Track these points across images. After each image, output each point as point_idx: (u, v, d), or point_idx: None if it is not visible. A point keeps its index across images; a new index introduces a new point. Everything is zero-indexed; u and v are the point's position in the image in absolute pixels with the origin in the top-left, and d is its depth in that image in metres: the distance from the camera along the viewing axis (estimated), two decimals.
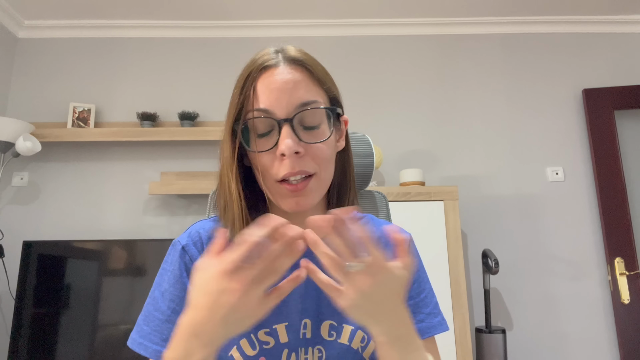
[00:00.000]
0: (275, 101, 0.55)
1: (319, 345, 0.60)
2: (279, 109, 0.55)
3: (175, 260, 0.61)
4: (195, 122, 2.24)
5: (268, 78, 0.57)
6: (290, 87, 0.56)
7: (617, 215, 2.11)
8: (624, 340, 2.00)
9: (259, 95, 0.57)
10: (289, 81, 0.56)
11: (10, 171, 2.20)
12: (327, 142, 0.58)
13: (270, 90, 0.56)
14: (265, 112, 0.56)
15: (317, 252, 0.46)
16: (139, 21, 2.37)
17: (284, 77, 0.56)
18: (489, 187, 2.22)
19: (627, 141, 2.25)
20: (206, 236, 0.63)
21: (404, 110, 2.32)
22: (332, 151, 0.60)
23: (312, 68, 0.59)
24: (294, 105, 0.55)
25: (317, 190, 0.58)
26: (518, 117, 2.30)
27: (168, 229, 2.17)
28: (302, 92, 0.56)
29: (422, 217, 1.81)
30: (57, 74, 2.35)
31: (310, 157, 0.56)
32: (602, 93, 2.25)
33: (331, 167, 0.60)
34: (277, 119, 0.55)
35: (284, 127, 0.55)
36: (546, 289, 2.10)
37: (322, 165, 0.58)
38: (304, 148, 0.56)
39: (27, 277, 1.86)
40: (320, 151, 0.57)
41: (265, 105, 0.56)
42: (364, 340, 0.61)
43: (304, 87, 0.57)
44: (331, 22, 2.40)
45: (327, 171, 0.59)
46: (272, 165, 0.56)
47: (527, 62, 2.37)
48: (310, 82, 0.58)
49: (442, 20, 2.39)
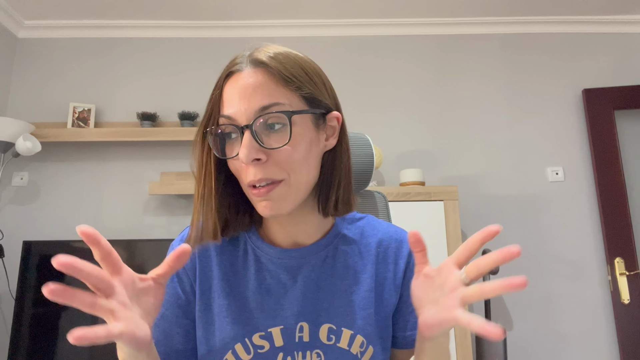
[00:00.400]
0: (237, 107, 0.55)
1: (318, 349, 0.59)
2: (240, 115, 0.54)
3: None
4: (195, 122, 2.23)
5: (233, 84, 0.56)
6: (250, 92, 0.54)
7: (617, 215, 2.11)
8: (624, 340, 2.00)
9: (224, 101, 0.56)
10: (249, 86, 0.55)
11: (10, 171, 2.20)
12: (295, 144, 0.54)
13: (232, 96, 0.55)
14: (228, 118, 0.55)
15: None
16: (139, 21, 2.37)
17: (245, 82, 0.55)
18: (489, 187, 2.22)
19: (627, 141, 2.25)
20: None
21: (404, 110, 2.32)
22: (306, 153, 0.56)
23: (279, 68, 0.56)
24: (253, 110, 0.54)
25: (288, 196, 0.56)
26: (518, 117, 2.30)
27: (168, 229, 2.17)
28: (261, 97, 0.54)
29: (422, 217, 1.81)
30: (57, 74, 2.35)
31: (275, 163, 0.54)
32: (602, 93, 2.25)
33: (306, 169, 0.57)
34: (239, 125, 0.54)
35: (245, 134, 0.53)
36: (546, 289, 2.10)
37: (291, 170, 0.55)
38: (266, 154, 0.53)
39: (27, 277, 1.86)
40: (286, 156, 0.54)
41: (229, 112, 0.55)
42: (363, 345, 0.60)
43: (265, 91, 0.54)
44: (331, 22, 2.40)
45: (298, 175, 0.56)
46: (241, 171, 0.56)
47: (527, 62, 2.37)
48: (272, 84, 0.55)
49: (442, 20, 2.39)
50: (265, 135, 0.54)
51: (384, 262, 0.66)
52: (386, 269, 0.65)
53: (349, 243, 0.66)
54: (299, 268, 0.62)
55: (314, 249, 0.63)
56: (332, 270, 0.63)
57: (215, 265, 0.63)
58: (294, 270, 0.62)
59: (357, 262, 0.65)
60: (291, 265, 0.62)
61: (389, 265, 0.66)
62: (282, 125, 0.54)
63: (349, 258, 0.65)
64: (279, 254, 0.62)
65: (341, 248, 0.65)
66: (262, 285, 0.61)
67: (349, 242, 0.66)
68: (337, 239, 0.66)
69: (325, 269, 0.63)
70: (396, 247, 0.67)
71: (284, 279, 0.62)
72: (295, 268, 0.62)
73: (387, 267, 0.65)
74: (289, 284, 0.61)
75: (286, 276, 0.62)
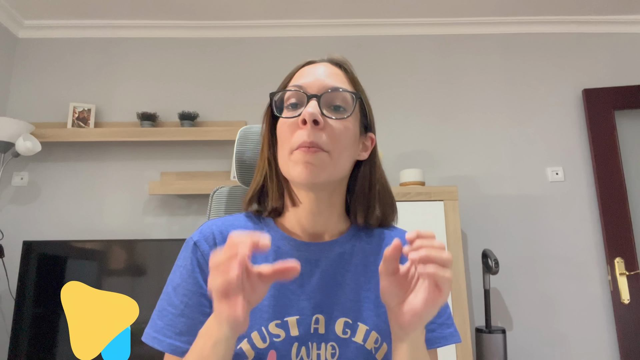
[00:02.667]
0: (310, 82, 0.62)
1: (333, 342, 0.60)
2: (311, 87, 0.62)
3: (188, 257, 0.63)
4: (195, 122, 2.24)
5: (310, 68, 0.65)
6: (326, 74, 0.64)
7: (617, 215, 2.11)
8: (624, 340, 2.00)
9: (296, 77, 0.65)
10: (326, 71, 0.64)
11: (10, 171, 2.20)
12: (347, 128, 0.62)
13: (308, 74, 0.64)
14: (299, 87, 0.62)
15: (423, 252, 0.48)
16: (139, 21, 2.37)
17: (323, 68, 0.65)
18: (489, 187, 2.22)
19: (627, 141, 2.25)
20: (218, 231, 0.65)
21: (404, 110, 2.32)
22: (351, 143, 0.63)
23: (348, 69, 0.67)
24: (324, 86, 0.62)
25: (328, 167, 0.60)
26: (518, 117, 2.30)
27: (168, 229, 2.17)
28: (334, 80, 0.63)
29: (422, 217, 1.81)
30: (57, 74, 2.35)
31: (327, 134, 0.60)
32: (602, 93, 2.25)
33: (345, 155, 0.62)
34: (308, 94, 0.61)
35: (311, 100, 0.60)
36: (546, 289, 2.10)
37: (337, 145, 0.60)
38: (324, 122, 0.60)
39: (27, 277, 1.86)
40: (338, 130, 0.61)
41: (301, 82, 0.63)
42: (378, 341, 0.61)
43: (338, 79, 0.64)
44: (331, 22, 2.40)
45: (341, 154, 0.61)
46: (291, 135, 0.61)
47: (527, 62, 2.37)
48: (345, 79, 0.65)
49: (442, 20, 2.39)
50: (326, 110, 0.61)
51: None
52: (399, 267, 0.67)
53: (366, 242, 0.69)
54: (317, 261, 0.64)
55: (332, 245, 0.66)
56: (348, 267, 0.65)
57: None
58: (312, 263, 0.64)
59: (374, 260, 0.67)
60: (310, 258, 0.64)
61: (402, 263, 0.66)
62: (344, 110, 0.62)
63: (365, 256, 0.67)
64: (299, 246, 0.65)
65: (358, 246, 0.68)
66: None
67: (366, 241, 0.69)
68: (354, 237, 0.68)
69: (342, 264, 0.65)
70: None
71: (302, 270, 0.61)
72: (313, 261, 0.64)
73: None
74: (306, 276, 0.63)
75: (305, 267, 0.63)
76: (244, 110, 2.30)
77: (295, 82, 0.64)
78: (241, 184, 0.87)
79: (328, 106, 0.62)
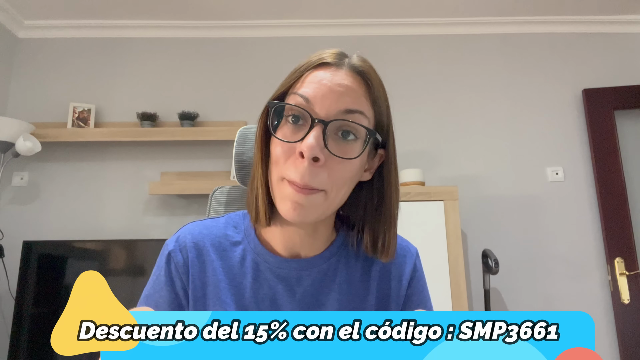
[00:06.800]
0: (320, 96, 0.51)
1: None
2: (320, 106, 0.51)
3: (162, 267, 0.61)
4: (195, 122, 2.24)
5: (323, 73, 0.53)
6: (342, 91, 0.52)
7: (617, 215, 2.11)
8: (624, 340, 2.00)
9: (306, 83, 0.53)
10: (343, 85, 0.52)
11: (10, 171, 2.20)
12: (353, 163, 0.52)
13: (320, 84, 0.52)
14: (305, 100, 0.51)
15: None
16: (139, 21, 2.37)
17: (340, 80, 0.52)
18: (489, 187, 2.22)
19: (627, 141, 2.25)
20: (192, 243, 0.61)
21: (404, 110, 2.32)
22: (354, 175, 0.55)
23: (372, 84, 0.55)
24: (337, 109, 0.51)
25: (319, 208, 0.53)
26: (518, 117, 2.30)
27: (168, 229, 2.17)
28: (351, 100, 0.52)
29: (422, 217, 1.81)
30: (57, 74, 2.34)
31: (328, 172, 0.51)
32: (602, 93, 2.25)
33: (345, 189, 0.55)
34: (314, 115, 0.51)
35: (316, 126, 0.50)
36: (546, 289, 2.10)
37: (337, 184, 0.52)
38: (326, 158, 0.50)
39: (27, 277, 1.86)
40: (341, 168, 0.52)
41: (309, 95, 0.51)
42: None
43: (356, 97, 0.52)
44: (331, 22, 2.40)
45: (338, 192, 0.53)
46: (284, 160, 0.52)
47: (527, 62, 2.37)
48: (363, 96, 0.53)
49: (442, 20, 2.39)
50: (333, 140, 0.51)
51: (387, 279, 0.64)
52: (388, 285, 0.64)
53: (351, 257, 0.64)
54: (298, 280, 0.60)
55: (315, 261, 0.61)
56: (332, 285, 0.61)
57: (210, 271, 0.60)
58: (292, 283, 0.60)
59: (359, 277, 0.63)
60: (290, 276, 0.60)
61: (392, 282, 0.64)
62: (355, 140, 0.52)
63: (350, 273, 0.62)
64: (279, 264, 0.60)
65: (343, 261, 0.63)
66: (259, 296, 0.59)
67: (351, 257, 0.64)
68: (341, 248, 0.63)
69: (325, 283, 0.61)
70: (399, 263, 0.65)
71: (281, 291, 0.59)
72: (294, 280, 0.60)
73: (389, 284, 0.64)
74: (287, 297, 0.59)
75: (284, 288, 0.59)
76: (243, 110, 2.30)
77: (302, 90, 0.52)
78: (241, 184, 0.87)
79: (336, 131, 0.52)
